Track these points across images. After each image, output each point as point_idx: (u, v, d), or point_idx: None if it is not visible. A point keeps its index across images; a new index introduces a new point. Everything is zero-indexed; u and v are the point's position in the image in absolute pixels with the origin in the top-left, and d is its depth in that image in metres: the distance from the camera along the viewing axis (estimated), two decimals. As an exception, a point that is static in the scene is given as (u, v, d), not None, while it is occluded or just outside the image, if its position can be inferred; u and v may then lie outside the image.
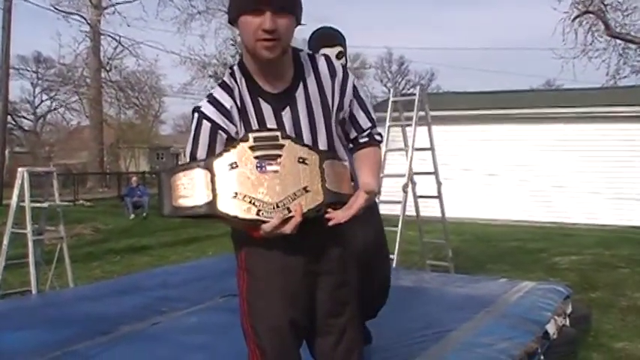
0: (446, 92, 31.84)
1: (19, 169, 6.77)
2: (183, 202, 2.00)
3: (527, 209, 15.93)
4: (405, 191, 7.70)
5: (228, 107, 2.13)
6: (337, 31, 3.88)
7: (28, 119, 46.61)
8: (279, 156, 2.03)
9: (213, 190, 1.98)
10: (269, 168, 2.01)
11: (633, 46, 26.91)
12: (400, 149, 8.14)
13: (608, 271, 9.00)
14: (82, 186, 28.40)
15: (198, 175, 2.00)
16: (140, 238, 13.06)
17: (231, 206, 1.97)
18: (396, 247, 7.47)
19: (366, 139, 2.38)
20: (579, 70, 59.29)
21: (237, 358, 3.83)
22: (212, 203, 1.97)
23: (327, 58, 2.31)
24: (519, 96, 19.86)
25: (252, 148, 2.02)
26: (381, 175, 7.96)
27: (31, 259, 6.60)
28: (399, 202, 7.67)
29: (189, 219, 2.17)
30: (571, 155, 15.95)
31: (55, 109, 45.04)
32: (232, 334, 4.29)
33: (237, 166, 1.99)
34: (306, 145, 2.12)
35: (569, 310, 5.30)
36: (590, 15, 26.32)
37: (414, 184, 7.88)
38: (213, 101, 2.14)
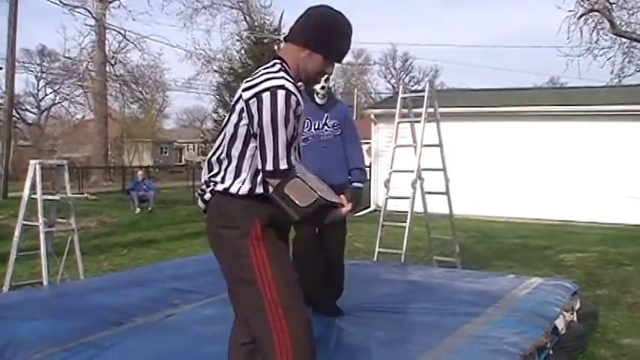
0: (450, 89, 31.88)
1: (31, 162, 6.80)
2: (307, 202, 2.51)
3: (532, 206, 15.94)
4: (413, 187, 7.74)
5: (299, 92, 2.62)
6: None
7: (32, 112, 46.78)
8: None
9: (312, 189, 2.53)
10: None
11: (638, 45, 26.94)
12: (409, 145, 8.17)
13: (614, 268, 9.03)
14: (86, 179, 28.47)
15: (301, 183, 2.54)
16: (147, 232, 13.10)
17: (325, 196, 2.56)
18: (405, 243, 7.52)
19: None
20: (584, 69, 59.32)
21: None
22: (321, 197, 2.52)
23: None
24: (524, 93, 19.87)
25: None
26: (390, 171, 8.03)
27: (42, 251, 6.64)
28: (407, 198, 7.71)
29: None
30: (575, 153, 15.97)
31: (59, 102, 45.20)
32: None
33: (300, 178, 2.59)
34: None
35: (577, 306, 5.35)
36: (596, 13, 26.30)
37: (422, 180, 7.92)
38: (290, 82, 2.58)
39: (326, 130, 4.85)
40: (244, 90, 2.61)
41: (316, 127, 4.82)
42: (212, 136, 30.38)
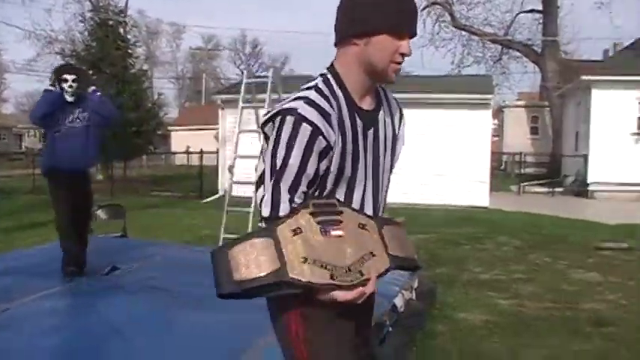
0: (297, 75, 32.16)
1: None
2: (247, 275, 1.85)
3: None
4: (257, 172, 7.78)
5: (330, 113, 1.96)
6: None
7: None
8: (341, 221, 1.95)
9: (280, 257, 1.85)
10: (333, 232, 1.92)
11: (476, 38, 28.55)
12: (253, 131, 8.18)
13: (453, 248, 9.52)
14: None
15: (261, 244, 1.88)
16: (-21, 224, 12.33)
17: (303, 271, 1.84)
18: (249, 228, 7.56)
19: None
20: (427, 59, 61.88)
21: (92, 339, 3.80)
22: (280, 270, 1.84)
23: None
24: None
25: (312, 214, 1.93)
26: (235, 156, 8.05)
27: None
28: (252, 183, 7.72)
29: (256, 293, 1.91)
30: (418, 139, 16.61)
31: None
32: (87, 317, 4.24)
33: (301, 232, 1.89)
34: (363, 213, 2.06)
35: (415, 285, 5.58)
36: (438, 6, 27.61)
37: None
38: (312, 104, 1.95)
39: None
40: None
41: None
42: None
